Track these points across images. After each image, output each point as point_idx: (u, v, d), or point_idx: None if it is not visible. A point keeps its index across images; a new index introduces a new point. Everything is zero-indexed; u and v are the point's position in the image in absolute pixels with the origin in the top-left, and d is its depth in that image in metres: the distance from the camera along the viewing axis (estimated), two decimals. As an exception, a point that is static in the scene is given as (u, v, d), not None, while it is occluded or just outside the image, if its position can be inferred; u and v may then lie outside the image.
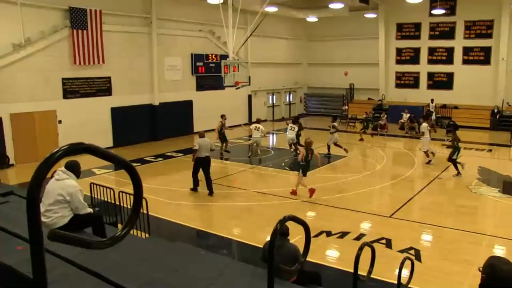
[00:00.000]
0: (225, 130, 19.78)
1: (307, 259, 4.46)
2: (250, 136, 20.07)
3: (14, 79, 17.73)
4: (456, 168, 15.84)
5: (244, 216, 11.97)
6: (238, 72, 18.89)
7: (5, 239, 4.94)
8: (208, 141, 13.78)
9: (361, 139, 23.35)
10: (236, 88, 19.83)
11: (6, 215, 6.32)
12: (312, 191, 13.12)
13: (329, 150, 19.24)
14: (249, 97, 29.97)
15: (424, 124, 18.38)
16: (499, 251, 9.38)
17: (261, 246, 9.04)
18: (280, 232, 6.41)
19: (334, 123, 19.55)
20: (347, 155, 19.02)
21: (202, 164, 13.66)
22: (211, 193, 13.60)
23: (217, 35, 26.44)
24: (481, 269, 3.05)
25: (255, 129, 19.22)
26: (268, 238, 3.50)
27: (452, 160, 15.95)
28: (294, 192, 13.43)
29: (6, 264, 3.75)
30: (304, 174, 13.27)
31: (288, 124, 19.64)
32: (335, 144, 19.08)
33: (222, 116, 19.75)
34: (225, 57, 20.43)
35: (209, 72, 26.40)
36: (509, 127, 24.40)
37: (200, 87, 26.31)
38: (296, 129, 19.08)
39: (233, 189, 14.56)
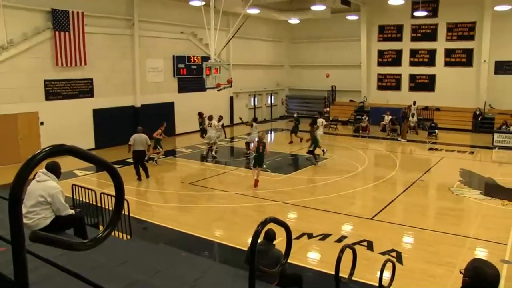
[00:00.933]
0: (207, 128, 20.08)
1: (288, 261, 4.48)
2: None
3: (-3, 81, 17.59)
4: (315, 158, 17.68)
5: (226, 218, 11.97)
6: (220, 74, 18.89)
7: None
8: (143, 136, 15.35)
9: (291, 142, 23.12)
10: (218, 90, 19.83)
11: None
12: (256, 182, 14.51)
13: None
14: (231, 99, 29.96)
15: (320, 119, 19.71)
16: (481, 253, 9.41)
17: (243, 248, 9.12)
18: (266, 236, 6.48)
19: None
20: (327, 156, 19.13)
21: (137, 156, 15.40)
22: (147, 176, 15.61)
23: (199, 37, 26.41)
24: (463, 271, 3.04)
25: (208, 126, 19.79)
26: (255, 241, 3.50)
27: (310, 152, 17.35)
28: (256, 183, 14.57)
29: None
30: (254, 166, 14.74)
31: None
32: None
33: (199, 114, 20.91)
34: (207, 59, 20.41)
35: (191, 74, 26.34)
36: (491, 129, 24.58)
37: (182, 89, 26.24)
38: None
39: (215, 191, 14.54)
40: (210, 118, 19.90)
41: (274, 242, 6.53)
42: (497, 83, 27.10)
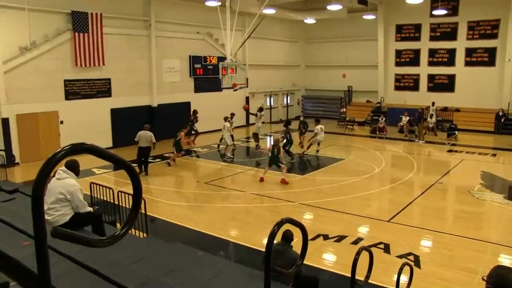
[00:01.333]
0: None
1: (304, 262, 4.47)
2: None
3: (20, 81, 18.04)
4: (289, 155, 18.34)
5: (242, 218, 11.98)
6: (236, 74, 18.93)
7: (13, 235, 5.00)
8: (148, 134, 16.30)
9: (300, 143, 21.82)
10: (234, 90, 19.89)
11: (13, 212, 6.39)
12: (261, 178, 15.25)
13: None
14: (247, 99, 29.99)
15: (318, 126, 19.74)
16: (505, 260, 9.03)
17: (258, 248, 9.14)
18: (284, 237, 6.48)
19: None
20: (344, 157, 19.07)
21: (141, 152, 16.34)
22: (146, 173, 16.30)
23: (215, 37, 26.49)
24: (485, 278, 2.89)
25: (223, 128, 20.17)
26: (271, 241, 3.51)
27: (284, 149, 17.73)
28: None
29: (14, 258, 3.82)
30: (269, 165, 15.36)
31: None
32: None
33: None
34: (223, 59, 20.47)
35: (207, 74, 26.45)
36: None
37: (198, 89, 26.35)
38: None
39: (230, 191, 14.57)
40: (225, 119, 20.30)
41: (291, 243, 6.51)
42: (522, 83, 26.50)
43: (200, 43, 26.09)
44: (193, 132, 22.06)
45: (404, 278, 6.59)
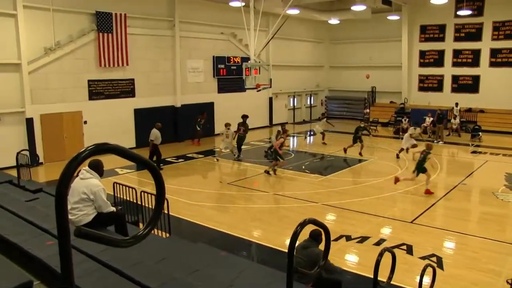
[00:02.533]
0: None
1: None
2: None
3: (44, 81, 18.33)
4: (239, 151, 19.27)
5: (265, 219, 11.97)
6: (260, 74, 18.92)
7: (37, 234, 5.07)
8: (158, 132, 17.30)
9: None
10: (257, 91, 19.88)
11: (36, 211, 6.48)
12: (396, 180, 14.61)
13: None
14: (270, 99, 29.98)
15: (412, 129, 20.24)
16: None
17: (281, 249, 9.15)
18: (311, 234, 6.45)
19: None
20: (367, 158, 18.93)
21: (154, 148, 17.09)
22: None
23: (238, 37, 26.55)
24: (510, 281, 2.88)
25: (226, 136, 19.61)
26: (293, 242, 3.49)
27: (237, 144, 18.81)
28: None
29: (37, 257, 3.86)
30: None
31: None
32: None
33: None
34: (246, 59, 20.47)
35: (230, 75, 26.51)
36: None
37: (221, 89, 26.43)
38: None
39: (253, 191, 14.59)
40: (227, 125, 19.69)
41: (319, 243, 6.45)
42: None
43: (224, 44, 26.17)
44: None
45: (426, 280, 6.53)
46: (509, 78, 27.21)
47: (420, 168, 14.04)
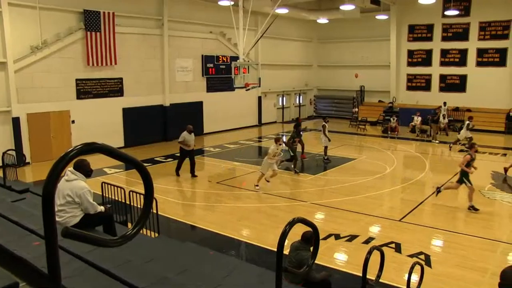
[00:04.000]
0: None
1: (316, 261, 4.45)
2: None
3: (31, 80, 18.13)
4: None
5: (254, 218, 11.97)
6: (248, 73, 18.92)
7: (23, 235, 5.02)
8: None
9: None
10: (246, 90, 19.88)
11: (23, 212, 6.42)
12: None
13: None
14: (259, 98, 29.99)
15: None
16: None
17: (270, 248, 9.16)
18: (303, 237, 6.46)
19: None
20: (356, 157, 19.00)
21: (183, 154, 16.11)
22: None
23: (227, 36, 26.52)
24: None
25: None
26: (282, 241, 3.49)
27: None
28: None
29: (24, 258, 3.83)
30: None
31: None
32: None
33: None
34: (235, 58, 20.47)
35: (219, 74, 26.48)
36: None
37: (210, 88, 26.38)
38: None
39: (242, 191, 14.58)
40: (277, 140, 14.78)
41: (311, 246, 6.41)
42: (533, 83, 26.38)
43: (212, 43, 26.12)
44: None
45: (415, 278, 6.59)
46: (495, 77, 27.55)
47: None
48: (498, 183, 15.12)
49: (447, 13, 26.81)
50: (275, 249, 3.48)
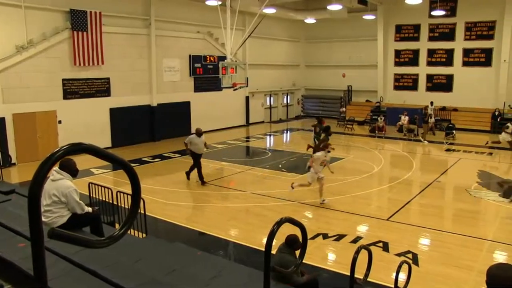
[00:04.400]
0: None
1: (304, 261, 4.46)
2: None
3: (17, 80, 17.92)
4: None
5: (242, 218, 11.97)
6: (236, 73, 18.91)
7: (9, 237, 4.98)
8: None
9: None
10: (234, 90, 19.88)
11: (9, 213, 6.36)
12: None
13: None
14: (247, 98, 29.99)
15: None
16: (500, 256, 9.27)
17: (258, 248, 9.17)
18: (287, 240, 6.44)
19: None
20: (344, 157, 19.06)
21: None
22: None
23: (215, 36, 26.47)
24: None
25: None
26: (270, 241, 3.50)
27: None
28: None
29: (9, 260, 3.79)
30: None
31: None
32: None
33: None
34: (223, 58, 20.46)
35: (207, 74, 26.43)
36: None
37: (198, 88, 26.32)
38: None
39: (230, 191, 14.58)
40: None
41: (296, 249, 6.32)
42: (517, 83, 26.64)
43: (200, 43, 26.07)
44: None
45: (402, 276, 6.62)
46: (481, 77, 27.78)
47: None
48: (484, 182, 15.23)
49: (434, 13, 26.99)
50: (263, 249, 3.48)
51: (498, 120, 26.20)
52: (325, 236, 10.21)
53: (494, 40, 27.20)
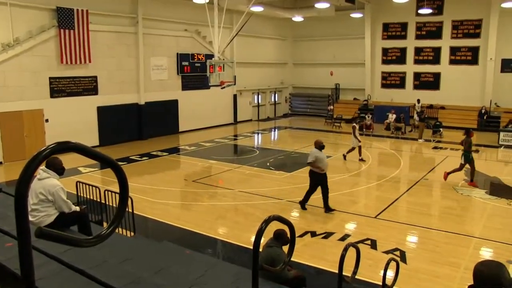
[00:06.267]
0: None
1: (292, 259, 4.47)
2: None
3: (2, 79, 17.74)
4: None
5: (230, 216, 11.98)
6: (224, 71, 18.90)
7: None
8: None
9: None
10: (222, 88, 19.86)
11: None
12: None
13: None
14: (235, 96, 29.97)
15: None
16: (487, 253, 9.34)
17: (247, 246, 9.18)
18: (275, 234, 6.46)
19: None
20: (332, 155, 19.12)
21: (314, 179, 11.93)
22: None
23: (202, 34, 26.40)
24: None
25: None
26: (258, 239, 3.50)
27: None
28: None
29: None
30: None
31: None
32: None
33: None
34: (210, 56, 20.43)
35: (194, 72, 26.36)
36: (496, 128, 24.34)
37: (185, 86, 26.24)
38: None
39: (218, 189, 14.57)
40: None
41: (283, 244, 6.37)
42: (503, 81, 26.97)
43: (188, 41, 26.00)
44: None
45: (390, 274, 6.66)
46: (468, 75, 28.02)
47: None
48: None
49: (421, 11, 27.19)
50: (251, 247, 3.48)
51: (485, 118, 26.55)
52: (313, 234, 10.24)
53: (480, 39, 27.45)
